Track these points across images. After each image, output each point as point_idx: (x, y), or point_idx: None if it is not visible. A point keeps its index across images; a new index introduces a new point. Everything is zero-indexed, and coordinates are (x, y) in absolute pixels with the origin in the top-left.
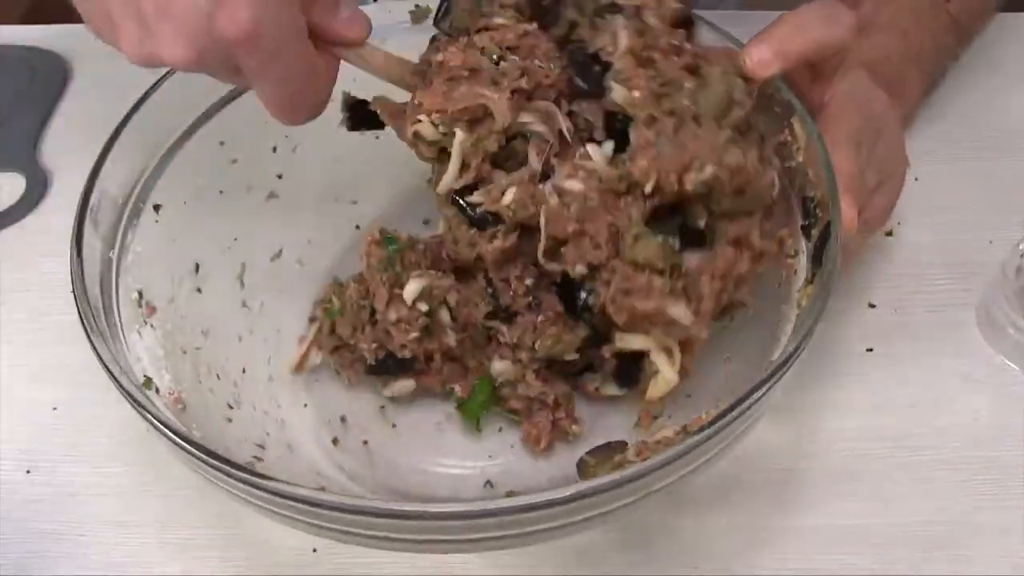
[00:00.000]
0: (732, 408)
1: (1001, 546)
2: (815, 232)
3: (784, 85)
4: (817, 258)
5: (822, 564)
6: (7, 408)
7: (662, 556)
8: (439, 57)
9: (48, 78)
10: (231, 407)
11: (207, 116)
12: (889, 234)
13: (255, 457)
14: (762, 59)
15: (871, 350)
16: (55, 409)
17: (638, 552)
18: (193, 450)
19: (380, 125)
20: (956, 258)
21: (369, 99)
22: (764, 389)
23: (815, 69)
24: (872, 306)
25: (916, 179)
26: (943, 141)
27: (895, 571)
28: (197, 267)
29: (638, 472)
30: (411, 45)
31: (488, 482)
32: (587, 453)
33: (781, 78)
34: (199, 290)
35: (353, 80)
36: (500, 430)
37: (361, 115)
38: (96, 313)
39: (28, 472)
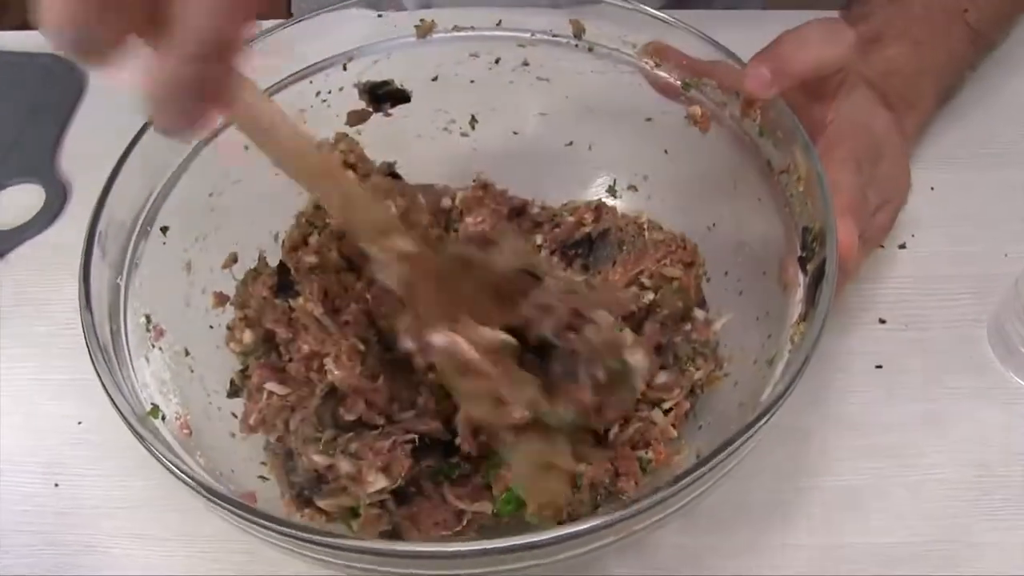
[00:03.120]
0: (702, 464)
1: (1008, 567)
2: (811, 267)
3: (788, 110)
4: (811, 297)
5: None
6: (34, 422)
7: (668, 569)
8: None
9: (65, 86)
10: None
11: (213, 135)
12: (902, 246)
13: (260, 477)
14: (762, 80)
15: (880, 367)
16: (80, 424)
17: (642, 569)
18: (189, 481)
19: (401, 100)
20: (970, 271)
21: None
22: (728, 451)
23: (816, 88)
24: (882, 321)
25: (932, 188)
26: (961, 148)
27: None
28: (204, 289)
29: (601, 523)
30: (416, 58)
31: None
32: None
33: (784, 101)
34: (207, 309)
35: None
36: None
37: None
38: (104, 346)
39: (56, 486)
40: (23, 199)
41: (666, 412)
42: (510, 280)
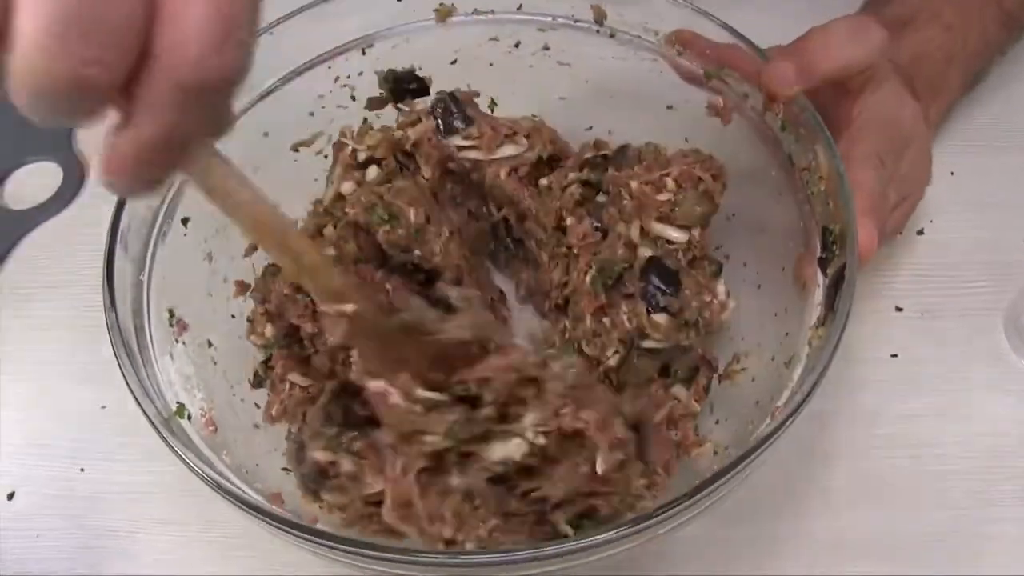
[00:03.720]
0: (723, 473)
1: (1017, 557)
2: (831, 271)
3: (811, 107)
4: (830, 302)
5: (841, 572)
6: (60, 406)
7: (679, 564)
8: None
9: None
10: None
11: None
12: (920, 232)
13: (284, 469)
14: (786, 77)
15: (896, 356)
16: (104, 408)
17: (653, 558)
18: (217, 489)
19: (421, 93)
20: (988, 258)
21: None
22: (749, 460)
23: (843, 84)
24: (899, 309)
25: (952, 173)
26: (982, 132)
27: None
28: (225, 278)
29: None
30: (435, 42)
31: None
32: None
33: (807, 99)
34: (228, 299)
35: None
36: None
37: (401, 88)
38: (129, 344)
39: (82, 470)
40: (41, 177)
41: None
42: (456, 348)
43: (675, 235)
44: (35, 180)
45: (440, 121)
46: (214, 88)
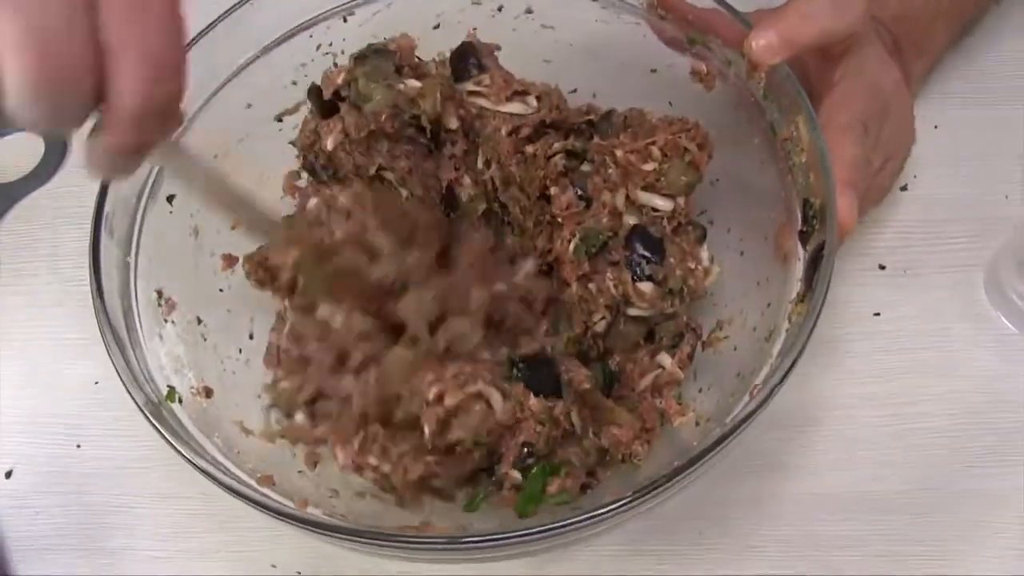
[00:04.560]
0: (686, 466)
1: (990, 512)
2: (810, 246)
3: (793, 78)
4: (809, 278)
5: (819, 528)
6: (54, 382)
7: (669, 519)
8: None
9: None
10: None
11: (213, 95)
12: (904, 188)
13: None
14: (769, 46)
15: (878, 314)
16: (97, 383)
17: (642, 519)
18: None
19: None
20: (970, 214)
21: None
22: (716, 450)
23: (824, 51)
24: (882, 267)
25: (936, 126)
26: (967, 84)
27: (887, 535)
28: (212, 252)
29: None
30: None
31: None
32: None
33: (790, 67)
34: (215, 272)
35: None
36: None
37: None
38: (117, 330)
39: (78, 447)
40: (22, 149)
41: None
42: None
43: (660, 203)
44: (16, 152)
45: (453, 69)
46: (156, 112)
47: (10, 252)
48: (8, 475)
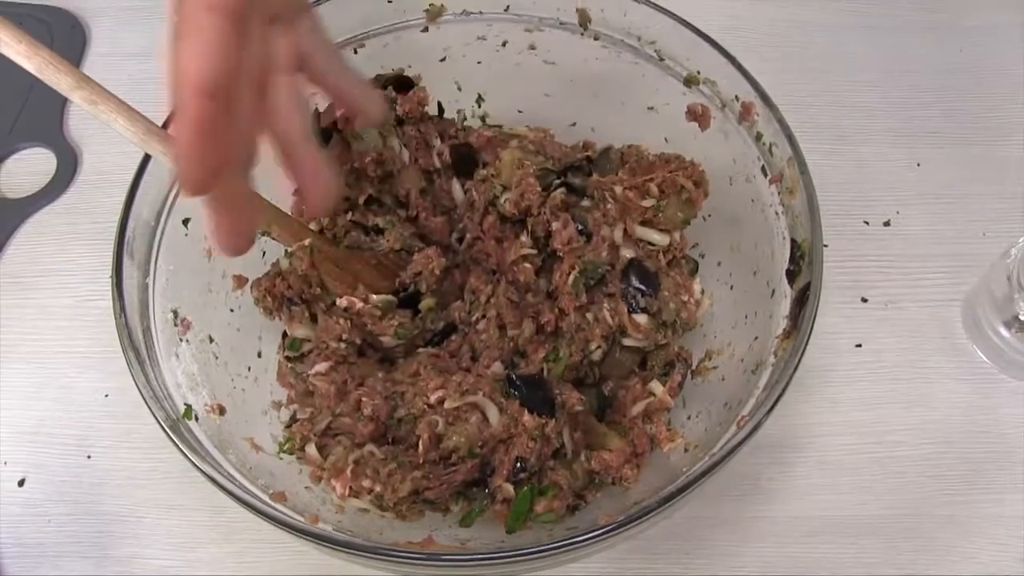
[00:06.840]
0: (677, 493)
1: (963, 538)
2: (797, 285)
3: (785, 122)
4: (795, 316)
5: (800, 550)
6: (65, 395)
7: (652, 539)
8: None
9: (67, 42)
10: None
11: None
12: (887, 224)
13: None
14: None
15: (860, 346)
16: (107, 396)
17: (631, 541)
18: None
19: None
20: (949, 250)
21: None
22: (706, 478)
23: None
24: (864, 300)
25: (918, 164)
26: (948, 123)
27: (865, 558)
28: (224, 273)
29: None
30: (425, 40)
31: None
32: None
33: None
34: (227, 293)
35: None
36: None
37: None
38: (138, 347)
39: (89, 457)
40: (35, 164)
41: (663, 380)
42: (388, 258)
43: (657, 238)
44: (29, 167)
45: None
46: None
47: (21, 267)
48: (21, 483)
